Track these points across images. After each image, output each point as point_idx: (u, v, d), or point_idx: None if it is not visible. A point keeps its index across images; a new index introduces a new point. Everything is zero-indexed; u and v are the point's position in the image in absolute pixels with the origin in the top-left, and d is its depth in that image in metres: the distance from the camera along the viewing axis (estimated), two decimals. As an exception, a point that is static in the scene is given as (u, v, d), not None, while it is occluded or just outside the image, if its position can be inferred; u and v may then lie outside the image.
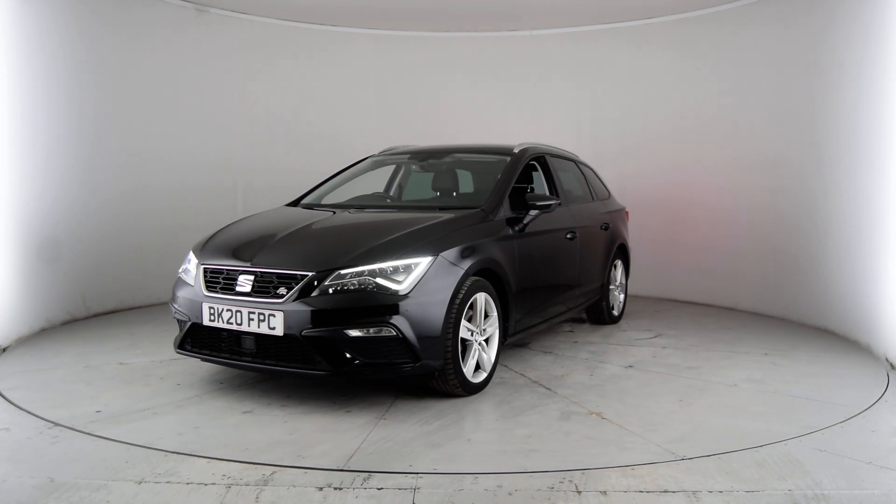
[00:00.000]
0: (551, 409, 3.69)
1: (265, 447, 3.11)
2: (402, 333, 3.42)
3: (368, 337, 3.42)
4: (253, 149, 7.44)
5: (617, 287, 6.15)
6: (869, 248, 5.17)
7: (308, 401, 3.77)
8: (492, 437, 3.31)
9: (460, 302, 3.65)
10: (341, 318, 3.41)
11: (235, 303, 3.59)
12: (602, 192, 6.19)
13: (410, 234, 3.75)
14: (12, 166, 5.16)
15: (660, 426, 3.46)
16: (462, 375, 3.74)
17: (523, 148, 4.96)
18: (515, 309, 4.22)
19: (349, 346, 3.42)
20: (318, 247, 3.82)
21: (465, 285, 3.70)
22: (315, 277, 3.48)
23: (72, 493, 2.62)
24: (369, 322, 3.40)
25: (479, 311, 3.88)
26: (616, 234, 6.01)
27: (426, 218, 4.04)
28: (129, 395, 3.88)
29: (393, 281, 3.48)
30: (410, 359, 3.48)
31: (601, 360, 4.80)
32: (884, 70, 4.95)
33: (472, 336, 3.86)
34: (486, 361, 3.97)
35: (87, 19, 6.10)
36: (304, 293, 3.47)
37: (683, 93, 7.28)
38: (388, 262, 3.52)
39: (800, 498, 2.65)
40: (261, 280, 3.59)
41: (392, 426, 3.39)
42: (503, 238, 4.18)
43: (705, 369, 4.56)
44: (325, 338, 3.41)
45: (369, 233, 3.89)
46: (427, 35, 7.96)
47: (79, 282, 5.99)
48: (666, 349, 5.14)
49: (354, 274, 3.48)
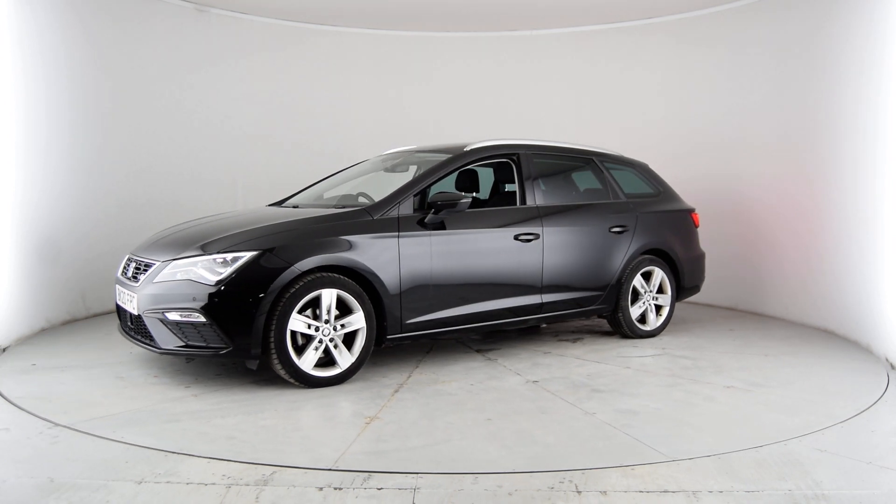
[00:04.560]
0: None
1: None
2: (213, 321, 3.74)
3: (185, 321, 3.81)
4: (254, 149, 7.44)
5: (648, 298, 5.49)
6: (869, 248, 5.17)
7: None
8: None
9: (291, 296, 3.84)
10: (165, 303, 3.87)
11: (125, 286, 4.22)
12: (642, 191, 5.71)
13: (254, 230, 4.06)
14: (12, 166, 5.16)
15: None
16: (292, 366, 3.89)
17: (473, 148, 4.88)
18: (397, 309, 4.21)
19: (173, 328, 3.86)
20: (183, 238, 4.24)
21: (301, 280, 3.87)
22: (162, 266, 3.99)
23: (72, 493, 2.62)
24: (185, 308, 3.80)
25: (324, 306, 3.95)
26: (643, 237, 5.41)
27: (303, 216, 4.27)
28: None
29: (214, 272, 3.82)
30: (224, 344, 3.79)
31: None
32: (882, 69, 4.95)
33: (317, 331, 3.94)
34: (340, 357, 4.04)
35: (86, 20, 6.10)
36: (151, 279, 3.98)
37: (684, 92, 7.28)
38: (215, 255, 3.88)
39: (800, 498, 2.65)
40: (137, 267, 4.19)
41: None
42: (384, 236, 4.18)
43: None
44: (156, 319, 3.89)
45: (235, 227, 4.19)
46: (427, 35, 7.96)
47: (79, 282, 5.99)
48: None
49: (184, 264, 3.92)
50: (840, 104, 5.60)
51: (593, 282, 5.19)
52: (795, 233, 6.20)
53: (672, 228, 5.71)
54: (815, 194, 5.95)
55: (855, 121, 5.38)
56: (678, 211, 5.85)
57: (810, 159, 6.01)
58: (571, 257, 5.06)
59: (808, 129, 6.03)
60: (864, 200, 5.26)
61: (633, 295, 5.42)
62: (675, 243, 5.66)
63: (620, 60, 7.66)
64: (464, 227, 4.53)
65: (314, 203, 5.03)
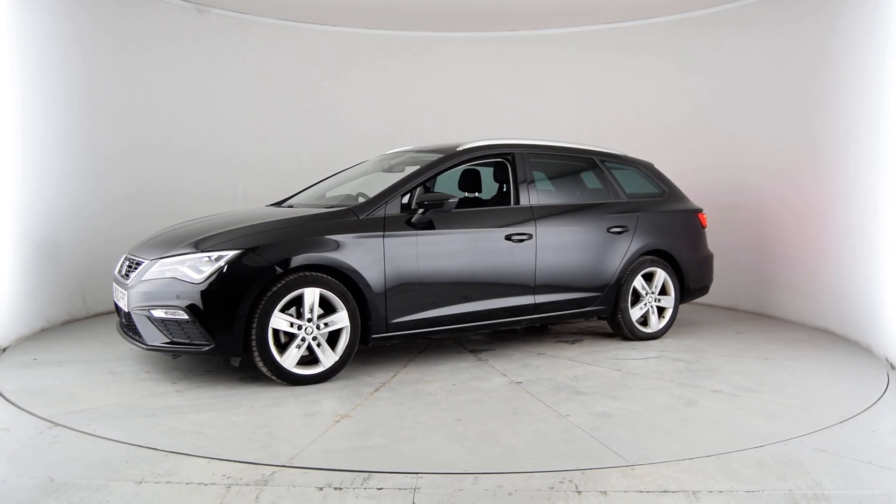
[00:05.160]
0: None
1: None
2: (195, 318, 3.83)
3: (170, 319, 3.90)
4: (254, 149, 7.44)
5: (650, 300, 5.42)
6: (869, 248, 5.17)
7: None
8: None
9: (272, 294, 3.90)
10: (151, 300, 3.96)
11: (120, 284, 4.30)
12: (646, 191, 5.64)
13: (239, 229, 4.13)
14: (12, 166, 5.16)
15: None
16: (274, 364, 3.94)
17: (465, 148, 4.89)
18: (382, 308, 4.23)
19: (159, 325, 3.96)
20: (172, 237, 4.31)
21: (282, 279, 3.93)
22: (150, 264, 4.08)
23: (72, 493, 2.62)
24: (169, 306, 3.89)
25: (306, 305, 4.00)
26: (644, 238, 5.35)
27: (290, 216, 4.33)
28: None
29: (198, 271, 3.90)
30: (207, 342, 3.87)
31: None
32: (884, 69, 4.95)
33: (300, 329, 3.99)
34: (323, 356, 4.08)
35: (86, 20, 6.10)
36: (140, 277, 4.08)
37: (683, 93, 7.28)
38: (200, 254, 3.96)
39: (800, 498, 2.65)
40: (129, 265, 4.28)
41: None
42: (369, 236, 4.22)
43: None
44: (143, 316, 3.99)
45: (223, 227, 4.24)
46: (427, 35, 7.96)
47: (79, 282, 5.99)
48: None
49: (170, 262, 4.01)
50: (840, 104, 5.60)
51: (590, 283, 5.13)
52: (795, 233, 6.20)
53: (676, 229, 5.64)
54: (816, 194, 5.95)
55: (855, 121, 5.38)
56: (683, 211, 5.76)
57: (810, 159, 6.01)
58: (566, 258, 5.02)
59: (807, 129, 6.03)
60: (864, 200, 5.25)
61: (635, 296, 5.36)
62: (678, 244, 5.57)
63: (620, 60, 7.66)
64: (453, 227, 4.54)
65: (311, 203, 5.04)
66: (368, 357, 4.74)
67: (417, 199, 4.41)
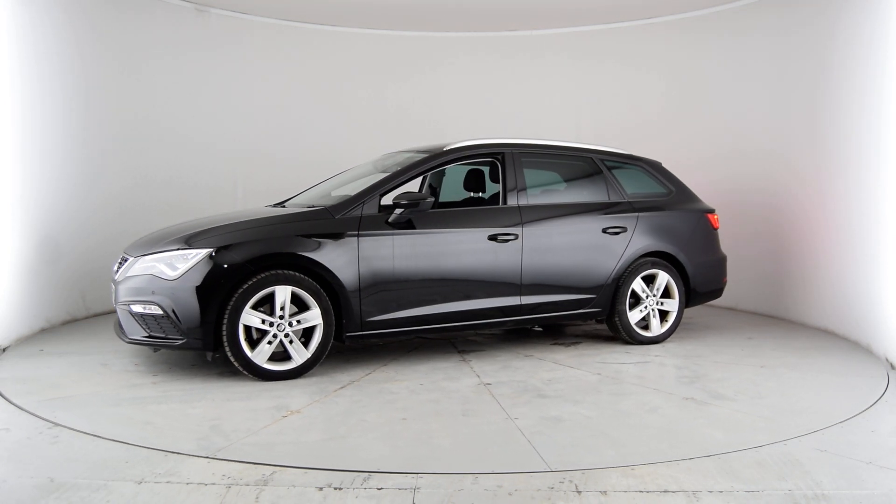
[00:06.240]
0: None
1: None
2: (168, 313, 4.00)
3: (147, 313, 4.09)
4: (254, 149, 7.44)
5: (651, 303, 5.27)
6: (869, 249, 5.17)
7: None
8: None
9: (243, 292, 4.02)
10: (132, 296, 4.16)
11: (113, 280, 4.47)
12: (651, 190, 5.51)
13: (215, 228, 4.25)
14: (13, 167, 5.16)
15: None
16: (245, 359, 4.05)
17: (451, 147, 4.87)
18: (357, 306, 4.29)
19: (138, 319, 4.15)
20: (158, 236, 4.49)
21: (253, 277, 4.05)
22: (134, 261, 4.27)
23: (72, 493, 2.62)
24: (146, 301, 4.09)
25: (278, 303, 4.10)
26: (644, 239, 5.22)
27: (269, 215, 4.45)
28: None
29: (173, 268, 4.07)
30: (180, 336, 4.03)
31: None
32: (885, 69, 4.95)
33: (272, 326, 4.09)
34: (295, 352, 4.16)
35: (85, 20, 6.10)
36: (125, 273, 4.27)
37: (684, 92, 7.28)
38: (176, 252, 4.13)
39: (800, 498, 2.65)
40: (121, 262, 4.47)
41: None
42: (343, 235, 4.28)
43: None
44: (125, 310, 4.19)
45: (206, 226, 4.35)
46: (427, 35, 7.96)
47: (79, 282, 5.99)
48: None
49: (150, 260, 4.18)
50: (841, 105, 5.60)
51: (583, 284, 5.02)
52: (795, 233, 6.20)
53: (681, 230, 5.44)
54: (816, 195, 5.95)
55: (856, 121, 5.38)
56: (691, 212, 5.56)
57: (810, 160, 6.01)
58: (555, 259, 4.93)
59: (808, 129, 6.03)
60: (865, 200, 5.25)
61: (635, 299, 5.22)
62: (683, 246, 5.38)
63: (620, 60, 7.66)
64: (433, 227, 4.55)
65: (312, 203, 5.02)
66: (353, 355, 4.78)
67: (393, 200, 4.44)
